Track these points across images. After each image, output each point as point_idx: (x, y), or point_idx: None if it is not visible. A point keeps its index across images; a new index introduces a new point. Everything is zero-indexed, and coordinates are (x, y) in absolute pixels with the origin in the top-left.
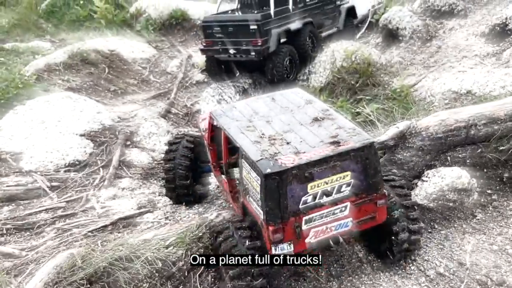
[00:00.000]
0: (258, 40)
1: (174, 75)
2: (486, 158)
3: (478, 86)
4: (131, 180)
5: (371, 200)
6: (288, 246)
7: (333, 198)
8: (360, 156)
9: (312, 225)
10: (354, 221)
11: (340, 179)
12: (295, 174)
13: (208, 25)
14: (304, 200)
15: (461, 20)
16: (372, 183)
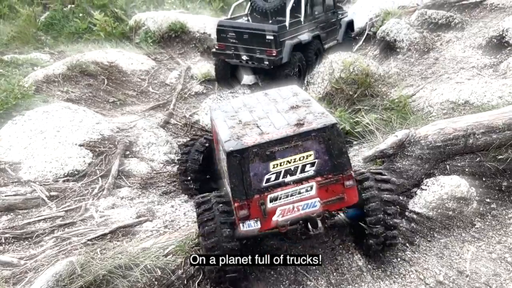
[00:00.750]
0: (273, 51)
1: (173, 87)
2: (484, 167)
3: (475, 96)
4: (130, 189)
5: (337, 180)
6: (255, 223)
7: (297, 177)
8: (322, 136)
9: (278, 203)
10: (322, 201)
11: (303, 159)
12: (256, 153)
13: (222, 29)
14: (267, 178)
15: (458, 32)
16: (337, 163)
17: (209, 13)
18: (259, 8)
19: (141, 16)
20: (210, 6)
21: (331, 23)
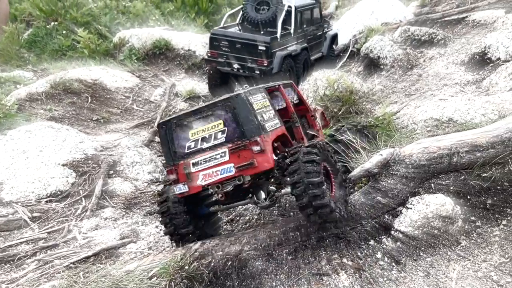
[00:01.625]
0: (264, 61)
1: (157, 104)
2: (469, 185)
3: (459, 113)
4: (113, 210)
5: (245, 146)
6: (183, 186)
7: (211, 144)
8: (228, 106)
9: (200, 168)
10: (236, 166)
11: (215, 127)
12: (176, 123)
13: (215, 37)
14: (188, 145)
15: (441, 49)
16: (244, 130)
17: (194, 30)
18: (251, 19)
19: (125, 33)
20: (194, 23)
21: (318, 35)
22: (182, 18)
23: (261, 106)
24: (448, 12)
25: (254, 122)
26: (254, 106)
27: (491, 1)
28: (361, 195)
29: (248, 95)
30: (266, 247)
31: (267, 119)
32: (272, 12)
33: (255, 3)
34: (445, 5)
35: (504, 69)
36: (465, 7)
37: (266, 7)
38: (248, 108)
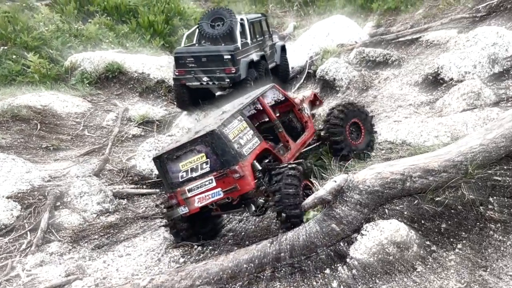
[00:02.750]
0: (232, 68)
1: (109, 129)
2: (423, 209)
3: (412, 136)
4: (60, 244)
5: (227, 174)
6: (184, 208)
7: (199, 173)
8: (205, 141)
9: (194, 193)
10: (222, 190)
11: (199, 159)
12: (167, 157)
13: (180, 56)
14: (181, 175)
15: (396, 70)
16: (223, 161)
17: (149, 52)
18: (208, 35)
19: (77, 56)
20: (150, 44)
21: (270, 46)
22: (137, 40)
23: (238, 132)
24: (402, 33)
25: (231, 152)
26: (230, 136)
27: (444, 22)
28: (316, 223)
29: (223, 128)
30: (219, 281)
31: (245, 143)
32: (228, 26)
33: (210, 21)
34: (399, 26)
35: (456, 90)
36: (418, 27)
37: (220, 23)
38: (223, 141)
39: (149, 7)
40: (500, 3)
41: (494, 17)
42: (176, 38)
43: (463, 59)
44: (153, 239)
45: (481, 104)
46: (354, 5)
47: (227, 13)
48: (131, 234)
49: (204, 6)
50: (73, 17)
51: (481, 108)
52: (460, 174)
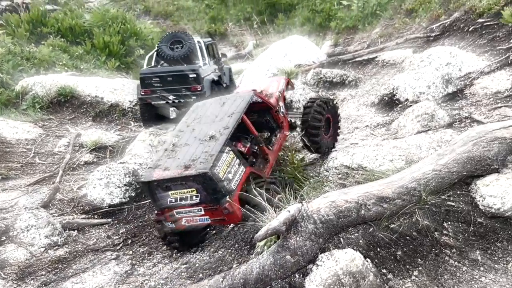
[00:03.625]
0: (198, 86)
1: (61, 156)
2: (378, 237)
3: (368, 160)
4: (4, 282)
5: (216, 209)
6: (171, 224)
7: (188, 203)
8: (196, 180)
9: (182, 216)
10: (211, 218)
11: (189, 192)
12: (157, 185)
13: (146, 76)
14: (169, 200)
15: (352, 90)
16: (213, 198)
17: (104, 73)
18: (168, 56)
19: (28, 80)
20: (105, 66)
21: (220, 68)
22: (92, 61)
23: (227, 167)
24: (359, 53)
25: (221, 191)
26: (220, 175)
27: (399, 42)
28: (270, 255)
29: (214, 169)
30: None
31: (233, 175)
32: (187, 48)
33: (169, 43)
34: (357, 45)
35: (411, 112)
36: (375, 47)
37: (179, 45)
38: (214, 182)
39: (105, 28)
40: (453, 23)
41: (448, 36)
42: (133, 58)
43: (417, 80)
44: (102, 274)
45: (435, 126)
46: (313, 24)
47: (185, 36)
48: (80, 269)
49: (163, 25)
50: (25, 40)
51: (435, 129)
52: (414, 200)
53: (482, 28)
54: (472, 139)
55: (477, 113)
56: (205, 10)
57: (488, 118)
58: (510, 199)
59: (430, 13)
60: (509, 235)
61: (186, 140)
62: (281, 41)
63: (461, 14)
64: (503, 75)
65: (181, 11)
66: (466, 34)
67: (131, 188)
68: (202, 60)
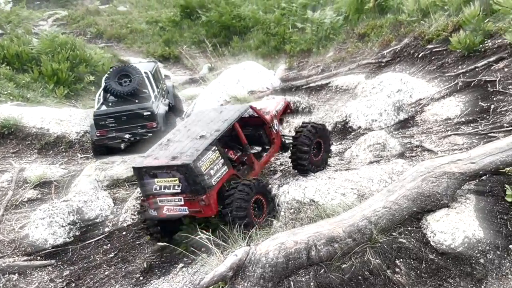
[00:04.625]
0: (153, 123)
1: (3, 193)
2: (330, 278)
3: (320, 194)
4: None
5: (194, 199)
6: (153, 211)
7: (171, 191)
8: (180, 170)
9: (164, 204)
10: (189, 209)
11: (172, 181)
12: (145, 171)
13: (100, 117)
14: (154, 187)
15: (306, 117)
16: (193, 189)
17: (53, 101)
18: (116, 92)
19: None
20: (53, 94)
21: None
22: (39, 89)
23: (210, 163)
24: (312, 79)
25: (201, 184)
26: (202, 169)
27: (352, 67)
28: None
29: (197, 162)
30: None
31: (215, 172)
32: (136, 82)
33: (116, 78)
34: (311, 69)
35: (363, 141)
36: (328, 72)
37: (127, 79)
38: (195, 174)
39: (53, 55)
40: (403, 49)
41: (398, 62)
42: (82, 85)
43: (369, 107)
44: None
45: (387, 155)
46: (268, 46)
47: (132, 70)
48: None
49: (116, 48)
50: None
51: (387, 159)
52: (365, 239)
53: (431, 54)
54: (421, 174)
55: (427, 142)
56: (159, 33)
57: (438, 147)
58: (460, 235)
59: (382, 37)
60: (461, 271)
61: (180, 137)
62: (234, 67)
63: (411, 40)
64: (453, 102)
65: (134, 34)
66: (416, 60)
67: (75, 227)
68: (152, 93)
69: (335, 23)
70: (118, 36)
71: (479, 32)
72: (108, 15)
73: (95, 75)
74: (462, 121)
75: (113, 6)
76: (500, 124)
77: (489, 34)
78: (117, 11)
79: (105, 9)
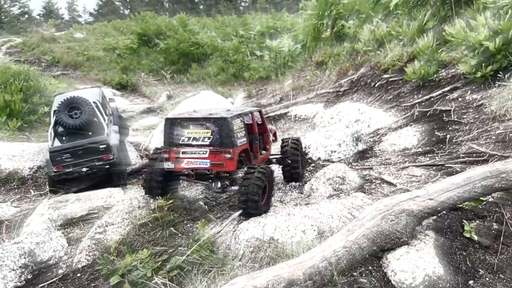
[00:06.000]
0: (109, 155)
1: None
2: None
3: (279, 231)
4: None
5: (221, 152)
6: (171, 164)
7: (199, 143)
8: (216, 123)
9: (186, 156)
10: (211, 162)
11: (204, 133)
12: (179, 122)
13: (56, 153)
14: (183, 138)
15: None
16: (222, 141)
17: (5, 134)
18: (67, 125)
19: None
20: (6, 126)
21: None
22: None
23: (238, 127)
24: (272, 108)
25: (231, 138)
26: (234, 127)
27: (310, 96)
28: None
29: (231, 119)
30: None
31: (239, 137)
32: (88, 114)
33: (67, 111)
34: (270, 97)
35: (322, 174)
36: (287, 101)
37: (78, 111)
38: (229, 128)
39: (5, 86)
40: (360, 78)
41: (356, 91)
42: (36, 117)
43: (328, 138)
44: None
45: (346, 188)
46: (227, 74)
47: (81, 101)
48: None
49: (72, 75)
50: None
51: (346, 193)
52: (325, 280)
53: (387, 83)
54: (381, 212)
55: (386, 174)
56: (116, 60)
57: (397, 179)
58: (420, 273)
59: (339, 66)
60: None
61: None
62: (192, 98)
63: (368, 69)
64: (410, 131)
65: (91, 61)
66: (373, 89)
67: (27, 270)
68: (104, 123)
69: (293, 51)
70: (75, 63)
71: (433, 63)
72: (64, 42)
73: (49, 106)
74: (419, 152)
75: (69, 33)
76: (456, 155)
77: (443, 64)
78: (73, 38)
79: (61, 36)
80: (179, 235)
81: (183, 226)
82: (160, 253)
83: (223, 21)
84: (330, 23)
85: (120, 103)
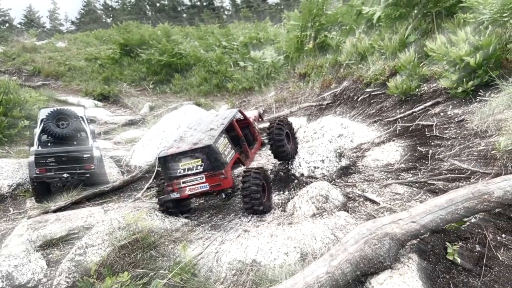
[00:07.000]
0: (91, 165)
1: None
2: None
3: (262, 254)
4: None
5: (215, 174)
6: (176, 193)
7: (194, 171)
8: (202, 151)
9: (187, 184)
10: (210, 185)
11: (195, 163)
12: (171, 158)
13: (42, 156)
14: (179, 171)
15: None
16: (213, 166)
17: None
18: (54, 133)
19: None
20: None
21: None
22: None
23: (223, 146)
24: None
25: (220, 160)
26: (219, 149)
27: (293, 110)
28: None
29: (215, 143)
30: None
31: (227, 154)
32: (75, 125)
33: (55, 121)
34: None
35: (305, 192)
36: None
37: (65, 122)
38: (215, 153)
39: None
40: (343, 91)
41: (339, 105)
42: (16, 130)
43: (311, 154)
44: None
45: (329, 207)
46: (210, 84)
47: (69, 113)
48: None
49: (54, 85)
50: None
51: (330, 212)
52: None
53: (370, 97)
54: (363, 237)
55: (369, 191)
56: (98, 70)
57: (380, 196)
58: None
59: (322, 78)
60: None
61: (191, 133)
62: (174, 112)
63: (350, 83)
64: (392, 146)
65: (73, 71)
66: (356, 103)
67: None
68: (90, 136)
69: (276, 63)
70: (56, 73)
71: (415, 77)
72: (46, 52)
73: (30, 119)
74: (402, 168)
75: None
76: (439, 171)
77: (424, 78)
78: (55, 48)
79: (43, 45)
80: (159, 257)
81: (164, 248)
82: (141, 276)
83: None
84: (313, 34)
85: (101, 114)
